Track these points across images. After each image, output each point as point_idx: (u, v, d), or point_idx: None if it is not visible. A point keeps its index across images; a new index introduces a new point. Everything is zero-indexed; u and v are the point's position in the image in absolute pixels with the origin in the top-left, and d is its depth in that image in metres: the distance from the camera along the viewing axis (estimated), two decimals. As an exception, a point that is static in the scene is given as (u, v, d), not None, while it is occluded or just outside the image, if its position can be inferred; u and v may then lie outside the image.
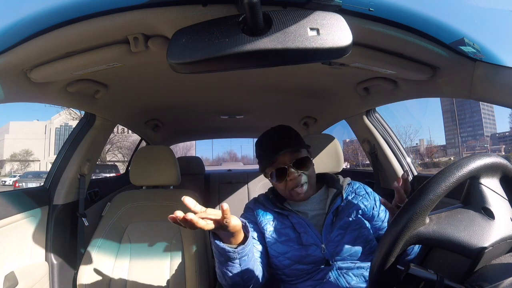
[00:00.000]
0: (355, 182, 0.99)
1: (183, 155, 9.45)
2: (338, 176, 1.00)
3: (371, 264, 0.58)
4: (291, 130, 0.95)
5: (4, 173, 24.44)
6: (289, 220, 0.90)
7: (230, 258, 0.71)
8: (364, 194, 0.94)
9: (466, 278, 0.53)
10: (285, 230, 0.89)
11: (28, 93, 0.90)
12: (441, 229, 0.53)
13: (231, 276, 0.74)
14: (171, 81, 1.17)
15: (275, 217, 0.92)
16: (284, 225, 0.90)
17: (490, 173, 0.56)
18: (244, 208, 1.00)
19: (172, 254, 1.18)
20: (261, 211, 0.94)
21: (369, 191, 0.96)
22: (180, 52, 0.54)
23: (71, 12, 0.64)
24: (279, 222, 0.91)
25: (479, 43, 0.73)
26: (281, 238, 0.88)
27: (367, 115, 1.44)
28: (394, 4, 0.66)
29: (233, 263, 0.72)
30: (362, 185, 0.98)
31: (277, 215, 0.92)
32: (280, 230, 0.89)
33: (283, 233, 0.88)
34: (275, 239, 0.88)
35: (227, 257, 0.71)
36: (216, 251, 0.72)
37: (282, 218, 0.91)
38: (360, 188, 0.97)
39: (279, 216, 0.92)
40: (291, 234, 0.88)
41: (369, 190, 0.97)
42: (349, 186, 0.96)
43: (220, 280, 0.78)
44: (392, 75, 0.98)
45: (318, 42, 0.52)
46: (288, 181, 0.88)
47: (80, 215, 1.30)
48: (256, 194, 2.21)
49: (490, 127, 32.39)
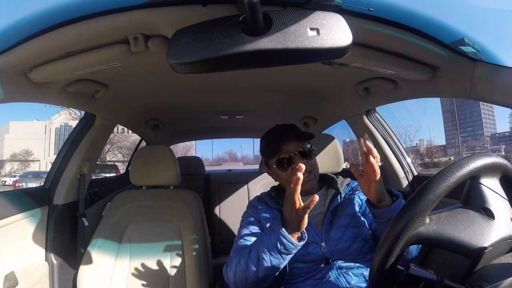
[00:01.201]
0: (355, 181, 1.00)
1: (183, 155, 9.46)
2: (338, 177, 1.01)
3: (371, 264, 0.58)
4: (295, 126, 0.98)
5: (4, 173, 24.46)
6: None
7: (287, 252, 0.74)
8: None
9: (466, 278, 0.53)
10: None
11: (28, 93, 0.90)
12: (441, 229, 0.53)
13: (269, 270, 0.75)
14: (171, 81, 1.17)
15: (277, 215, 0.92)
16: None
17: (490, 173, 0.56)
18: (247, 205, 1.01)
19: (172, 254, 1.18)
20: (263, 209, 0.95)
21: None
22: (180, 52, 0.54)
23: (71, 12, 0.64)
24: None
25: (479, 43, 0.73)
26: None
27: (367, 115, 1.44)
28: (394, 4, 0.66)
29: (283, 258, 0.74)
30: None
31: (279, 213, 0.93)
32: None
33: None
34: None
35: (286, 251, 0.73)
36: (277, 242, 0.73)
37: None
38: (357, 185, 0.98)
39: (280, 214, 0.92)
40: None
41: None
42: (348, 186, 0.98)
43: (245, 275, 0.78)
44: (392, 75, 0.98)
45: (318, 42, 0.52)
46: (293, 169, 0.89)
47: (80, 215, 1.30)
48: (256, 194, 2.20)
49: (490, 127, 32.41)
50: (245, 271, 0.77)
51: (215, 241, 2.15)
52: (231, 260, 0.84)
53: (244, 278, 0.78)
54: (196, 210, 1.26)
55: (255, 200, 1.01)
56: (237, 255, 0.83)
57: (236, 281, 0.80)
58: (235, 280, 0.80)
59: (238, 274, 0.79)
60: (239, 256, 0.82)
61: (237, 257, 0.82)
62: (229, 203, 2.25)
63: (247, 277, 0.77)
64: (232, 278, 0.81)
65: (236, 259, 0.81)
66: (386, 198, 0.77)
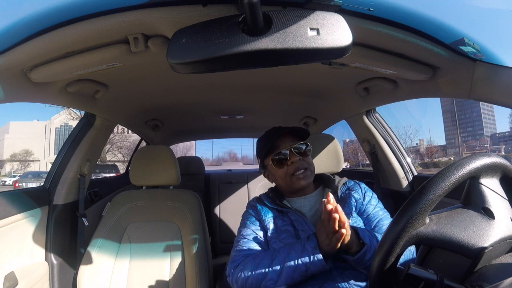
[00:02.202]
0: (351, 181, 1.00)
1: (183, 155, 9.45)
2: (335, 177, 1.02)
3: (371, 264, 0.58)
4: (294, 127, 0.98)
5: (4, 173, 24.45)
6: (289, 217, 0.92)
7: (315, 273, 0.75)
8: (357, 188, 0.96)
9: (466, 278, 0.53)
10: (285, 227, 0.90)
11: (28, 93, 0.90)
12: (441, 229, 0.53)
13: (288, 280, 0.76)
14: (171, 81, 1.17)
15: (276, 215, 0.94)
16: (284, 222, 0.91)
17: (490, 173, 0.56)
18: (247, 205, 1.02)
19: (172, 254, 1.18)
20: (263, 209, 0.96)
21: (363, 186, 0.98)
22: (180, 52, 0.54)
23: (71, 12, 0.64)
24: (280, 219, 0.92)
25: (479, 43, 0.73)
26: (282, 235, 0.89)
27: (367, 115, 1.44)
28: (394, 4, 0.66)
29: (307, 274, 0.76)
30: (358, 182, 1.00)
31: (278, 213, 0.94)
32: (281, 228, 0.91)
33: (284, 230, 0.90)
34: (276, 236, 0.89)
35: (314, 271, 0.75)
36: (309, 263, 0.74)
37: (283, 216, 0.93)
38: (355, 184, 0.98)
39: (279, 214, 0.94)
40: (291, 231, 0.89)
41: (363, 185, 0.98)
42: (344, 186, 0.98)
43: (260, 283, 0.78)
44: (392, 75, 0.98)
45: (318, 42, 0.52)
46: (289, 165, 0.91)
47: (80, 215, 1.30)
48: (256, 194, 2.20)
49: (490, 127, 32.40)
50: (262, 280, 0.77)
51: (215, 241, 2.15)
52: (245, 264, 0.82)
53: (259, 285, 0.78)
54: (196, 210, 1.27)
55: (254, 200, 1.02)
56: (252, 260, 0.81)
57: (246, 286, 0.79)
58: (245, 284, 0.79)
59: (253, 280, 0.78)
60: (256, 261, 0.81)
61: (252, 263, 0.80)
62: (229, 203, 2.25)
63: (262, 285, 0.77)
64: (241, 281, 0.80)
65: (252, 265, 0.80)
66: (353, 246, 0.75)
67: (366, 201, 0.93)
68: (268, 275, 0.77)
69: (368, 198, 0.94)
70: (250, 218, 0.96)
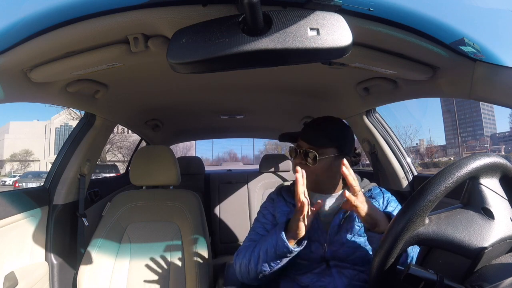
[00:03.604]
0: (377, 188, 0.95)
1: (183, 155, 9.45)
2: (363, 179, 0.97)
3: (371, 264, 0.58)
4: (329, 126, 0.92)
5: (4, 173, 24.45)
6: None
7: (283, 256, 0.78)
8: (380, 197, 0.91)
9: (466, 278, 0.53)
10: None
11: (28, 93, 0.90)
12: (440, 230, 0.53)
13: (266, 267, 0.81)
14: (171, 81, 1.17)
15: (291, 209, 0.92)
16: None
17: (490, 173, 0.56)
18: (267, 197, 1.03)
19: (172, 254, 1.19)
20: (279, 203, 0.96)
21: (387, 196, 0.91)
22: (180, 52, 0.54)
23: (71, 12, 0.64)
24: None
25: (479, 43, 0.73)
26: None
27: (367, 115, 1.44)
28: (394, 4, 0.66)
29: (280, 260, 0.79)
30: (384, 191, 0.94)
31: (293, 208, 0.92)
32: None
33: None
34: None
35: (281, 255, 0.78)
36: (275, 245, 0.78)
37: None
38: (379, 193, 0.92)
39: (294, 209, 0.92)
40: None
41: (387, 195, 0.92)
42: (369, 192, 0.93)
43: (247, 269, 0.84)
44: (392, 75, 0.98)
45: (318, 42, 0.52)
46: (294, 160, 0.94)
47: (80, 215, 1.30)
48: (256, 194, 2.22)
49: (490, 127, 32.42)
50: (247, 265, 0.84)
51: (215, 241, 2.15)
52: (241, 251, 0.90)
53: (247, 271, 0.84)
54: (196, 210, 1.27)
55: (274, 193, 1.02)
56: (245, 247, 0.89)
57: (241, 272, 0.87)
58: (240, 270, 0.87)
59: (243, 267, 0.86)
60: (246, 248, 0.88)
61: (244, 250, 0.88)
62: (229, 203, 2.25)
63: (249, 271, 0.84)
64: (237, 268, 0.88)
65: (243, 251, 0.88)
66: (381, 224, 0.74)
67: (387, 209, 0.87)
68: (251, 261, 0.84)
69: (391, 208, 0.88)
70: (264, 211, 0.98)
